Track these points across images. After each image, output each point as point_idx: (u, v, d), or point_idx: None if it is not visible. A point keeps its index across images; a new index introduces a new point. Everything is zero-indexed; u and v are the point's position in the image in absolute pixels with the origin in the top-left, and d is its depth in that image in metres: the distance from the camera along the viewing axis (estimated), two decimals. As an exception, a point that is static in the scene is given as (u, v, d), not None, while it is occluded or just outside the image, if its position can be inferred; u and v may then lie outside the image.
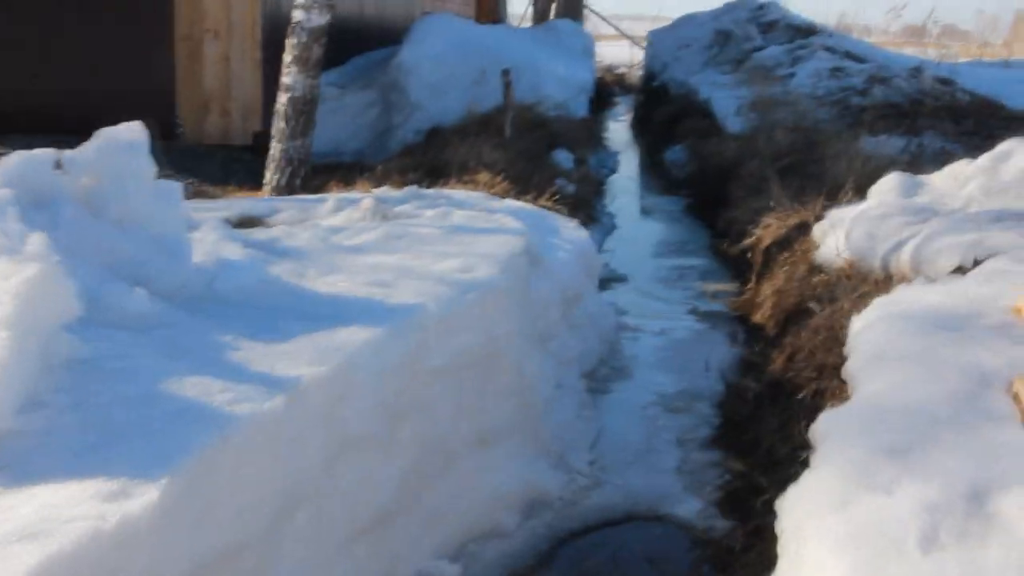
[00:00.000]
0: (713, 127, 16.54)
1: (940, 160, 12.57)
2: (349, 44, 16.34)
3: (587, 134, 15.97)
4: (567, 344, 6.39)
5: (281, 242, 5.49)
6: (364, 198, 7.07)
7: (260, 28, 12.74)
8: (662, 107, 20.81)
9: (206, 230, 5.18)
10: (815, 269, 7.79)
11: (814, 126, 13.98)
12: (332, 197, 7.21)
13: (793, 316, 7.05)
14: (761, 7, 23.54)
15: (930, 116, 15.09)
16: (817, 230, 8.34)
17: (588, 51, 24.42)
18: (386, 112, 14.36)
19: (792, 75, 18.36)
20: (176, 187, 4.38)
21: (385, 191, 7.76)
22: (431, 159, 11.45)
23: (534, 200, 9.93)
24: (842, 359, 5.35)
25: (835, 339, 5.69)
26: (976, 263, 4.72)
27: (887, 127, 14.26)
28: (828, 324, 5.88)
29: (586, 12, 36.49)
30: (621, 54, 37.69)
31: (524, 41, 19.87)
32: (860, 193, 9.34)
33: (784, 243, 9.18)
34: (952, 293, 3.94)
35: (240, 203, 7.59)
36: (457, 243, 5.55)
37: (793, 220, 9.47)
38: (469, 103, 14.25)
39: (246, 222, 6.79)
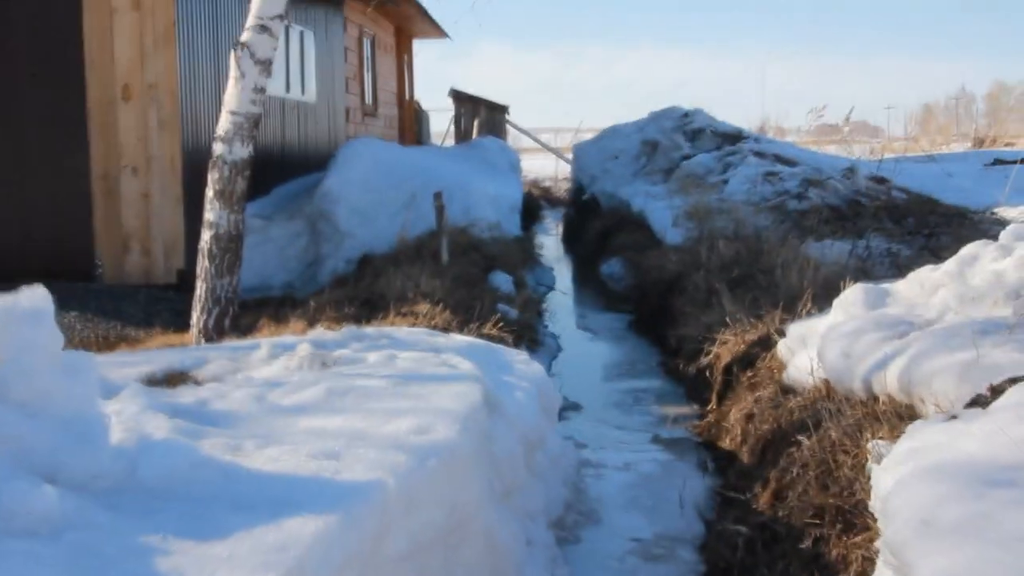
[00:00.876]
0: (650, 239, 16.21)
1: (889, 262, 12.29)
2: (272, 172, 15.87)
3: (522, 253, 15.55)
4: (532, 494, 5.82)
5: (212, 405, 4.90)
6: (300, 343, 6.51)
7: (181, 162, 12.22)
8: (594, 220, 20.53)
9: (126, 397, 4.59)
10: (786, 390, 7.33)
11: (755, 234, 13.66)
12: (265, 343, 6.64)
13: (771, 444, 6.54)
14: (686, 115, 23.46)
15: (870, 217, 14.87)
16: (782, 347, 7.89)
17: (515, 167, 24.22)
18: (314, 242, 13.83)
19: (725, 182, 18.17)
20: (88, 360, 3.79)
21: (320, 333, 7.20)
22: (365, 290, 10.92)
23: (478, 329, 9.42)
24: (844, 500, 4.84)
25: (830, 475, 5.19)
26: (994, 392, 4.26)
27: (830, 231, 14.00)
28: (819, 458, 5.37)
29: (507, 127, 36.52)
30: (546, 167, 37.66)
31: (452, 161, 19.55)
32: (818, 304, 8.96)
33: (745, 361, 8.73)
34: (992, 438, 3.45)
35: (164, 354, 6.99)
36: (409, 396, 4.97)
37: (751, 336, 9.04)
38: (400, 228, 13.79)
39: (172, 378, 6.19)
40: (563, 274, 17.86)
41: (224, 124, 9.55)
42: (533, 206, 26.80)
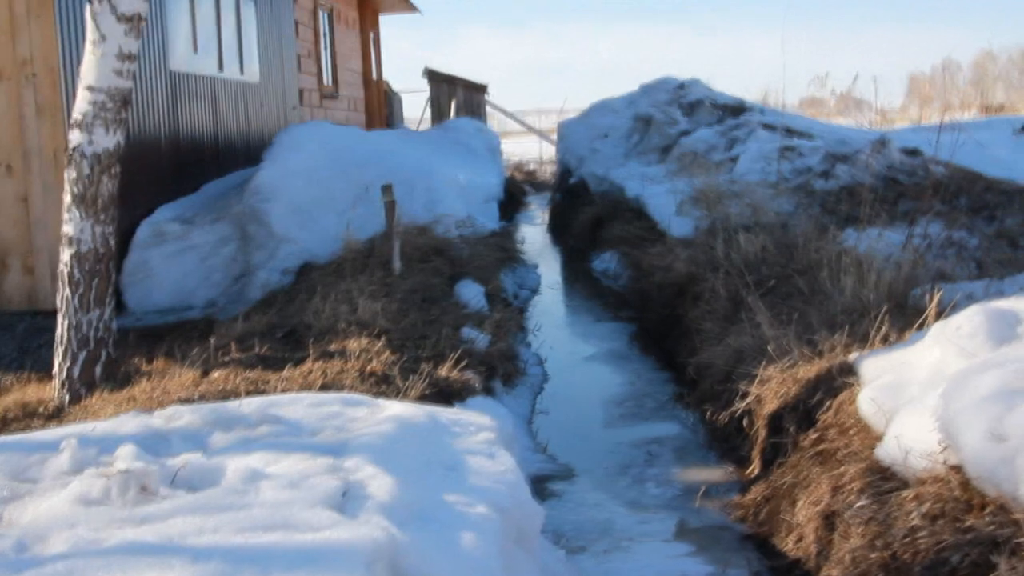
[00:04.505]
0: (650, 229, 13.74)
1: (954, 255, 9.85)
2: (204, 166, 13.37)
3: (500, 252, 12.98)
4: None
5: None
6: (124, 443, 4.07)
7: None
8: (584, 207, 18.00)
9: None
10: (881, 472, 4.85)
11: (780, 223, 11.20)
12: (69, 443, 4.16)
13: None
14: (682, 86, 20.89)
15: (913, 198, 12.40)
16: (866, 403, 5.41)
17: (494, 151, 21.82)
18: (244, 249, 11.24)
19: (733, 160, 15.65)
20: None
21: (172, 414, 4.72)
22: (292, 316, 8.44)
23: (432, 372, 6.95)
24: None
25: None
26: None
27: (871, 216, 11.52)
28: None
29: (488, 110, 34.16)
30: (530, 150, 35.23)
31: (418, 146, 17.06)
32: (894, 319, 6.59)
33: (800, 410, 6.25)
34: None
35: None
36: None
37: (806, 373, 6.56)
38: (350, 228, 11.29)
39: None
40: (549, 269, 15.29)
41: (81, 105, 7.06)
42: (516, 192, 24.30)
